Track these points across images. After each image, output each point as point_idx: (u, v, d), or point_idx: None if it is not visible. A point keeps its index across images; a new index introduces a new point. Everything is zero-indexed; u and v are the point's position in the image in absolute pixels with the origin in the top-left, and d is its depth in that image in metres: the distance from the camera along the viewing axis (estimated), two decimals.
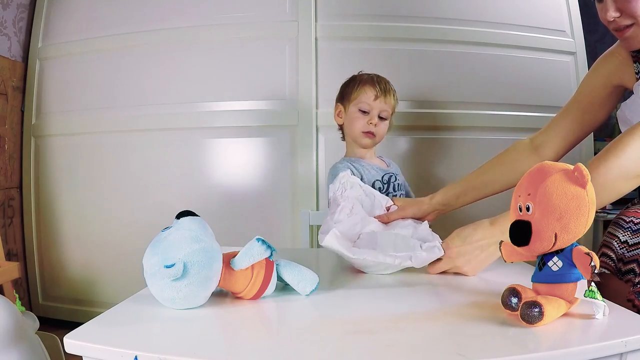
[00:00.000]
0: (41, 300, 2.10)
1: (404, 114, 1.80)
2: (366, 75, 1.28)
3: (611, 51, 1.09)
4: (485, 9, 1.89)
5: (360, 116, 1.24)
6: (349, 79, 1.32)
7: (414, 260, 0.82)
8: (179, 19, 1.92)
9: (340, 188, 1.04)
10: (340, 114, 1.30)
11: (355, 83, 1.27)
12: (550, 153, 1.13)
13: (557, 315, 0.59)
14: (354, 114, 1.25)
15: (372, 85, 1.24)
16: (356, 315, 0.65)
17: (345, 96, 1.29)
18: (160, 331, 0.59)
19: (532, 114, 1.87)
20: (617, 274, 0.91)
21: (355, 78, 1.30)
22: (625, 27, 0.94)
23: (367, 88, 1.24)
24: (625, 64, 1.04)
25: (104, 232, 1.98)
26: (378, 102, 1.23)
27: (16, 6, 2.06)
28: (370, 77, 1.27)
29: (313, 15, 1.83)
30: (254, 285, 0.69)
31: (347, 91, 1.28)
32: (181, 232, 0.65)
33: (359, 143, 1.27)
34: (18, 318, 1.08)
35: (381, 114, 1.25)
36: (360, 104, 1.24)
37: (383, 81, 1.26)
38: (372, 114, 1.24)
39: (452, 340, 0.55)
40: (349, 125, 1.27)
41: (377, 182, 1.23)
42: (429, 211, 1.09)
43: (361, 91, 1.24)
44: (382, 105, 1.24)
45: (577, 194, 0.58)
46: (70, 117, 2.03)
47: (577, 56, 1.94)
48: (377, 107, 1.24)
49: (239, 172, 1.89)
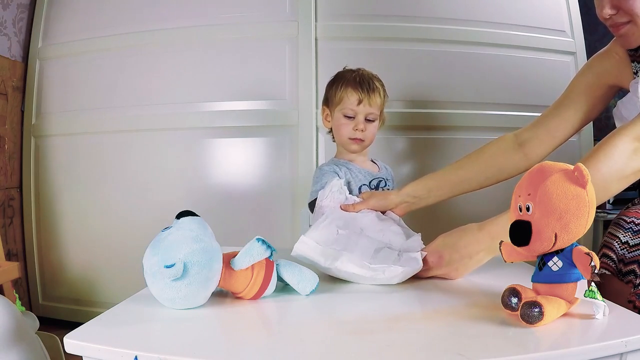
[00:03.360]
0: (41, 300, 2.10)
1: (402, 114, 1.80)
2: (349, 74, 1.19)
3: (607, 50, 1.07)
4: (485, 9, 1.89)
5: (345, 122, 1.16)
6: (332, 79, 1.23)
7: (387, 273, 0.78)
8: (179, 19, 1.92)
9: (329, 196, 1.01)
10: (328, 117, 1.22)
11: (338, 85, 1.18)
12: (537, 150, 1.10)
13: (557, 315, 0.59)
14: (339, 120, 1.17)
15: (354, 88, 1.15)
16: (356, 315, 0.65)
17: (329, 99, 1.21)
18: (160, 331, 0.59)
19: (532, 114, 1.86)
20: (618, 275, 0.90)
21: (338, 78, 1.20)
22: (621, 24, 0.93)
23: (349, 92, 1.15)
24: (622, 63, 1.03)
25: (104, 232, 1.98)
26: (362, 107, 1.15)
27: (16, 6, 2.06)
28: (353, 78, 1.17)
29: (313, 15, 1.83)
30: (254, 285, 0.69)
31: (331, 94, 1.20)
32: (181, 232, 0.65)
33: (347, 149, 1.20)
34: (18, 318, 1.08)
35: (368, 116, 1.16)
36: (344, 109, 1.16)
37: (366, 80, 1.16)
38: (358, 119, 1.15)
39: (452, 340, 0.55)
40: (336, 131, 1.20)
41: (363, 186, 1.17)
42: (395, 202, 1.05)
43: (344, 95, 1.15)
44: (367, 109, 1.15)
45: (577, 194, 0.58)
46: (70, 117, 2.03)
47: (577, 56, 1.94)
48: (363, 112, 1.15)
49: (239, 172, 1.89)
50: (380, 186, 1.20)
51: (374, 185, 1.19)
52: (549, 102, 1.15)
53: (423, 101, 1.83)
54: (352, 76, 1.18)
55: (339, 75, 1.22)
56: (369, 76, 1.19)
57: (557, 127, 1.10)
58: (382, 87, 1.19)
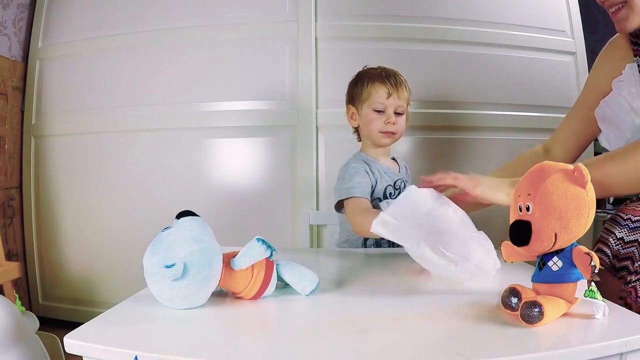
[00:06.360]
0: (41, 300, 2.10)
1: None
2: (372, 71, 1.21)
3: (612, 45, 1.08)
4: (484, 9, 1.89)
5: (376, 117, 1.17)
6: (355, 78, 1.24)
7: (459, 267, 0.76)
8: (179, 19, 1.92)
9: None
10: (354, 116, 1.22)
11: (364, 82, 1.19)
12: (565, 155, 1.12)
13: (557, 315, 0.59)
14: (369, 115, 1.17)
15: (382, 82, 1.16)
16: (356, 315, 0.65)
17: (355, 97, 1.21)
18: (160, 331, 0.59)
19: (532, 114, 1.87)
20: (612, 271, 0.91)
21: (362, 76, 1.22)
22: (617, 9, 0.93)
23: (377, 86, 1.16)
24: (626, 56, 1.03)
25: (104, 232, 1.98)
26: (392, 100, 1.16)
27: (16, 6, 2.06)
28: (379, 73, 1.19)
29: (313, 15, 1.83)
30: (254, 285, 0.69)
31: (357, 91, 1.21)
32: (181, 232, 0.65)
33: (378, 143, 1.20)
34: (18, 318, 1.08)
35: (397, 109, 1.17)
36: (373, 104, 1.16)
37: (392, 75, 1.18)
38: (388, 112, 1.16)
39: (452, 340, 0.55)
40: (366, 127, 1.20)
41: (389, 187, 1.18)
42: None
43: (372, 90, 1.17)
44: (397, 102, 1.17)
45: (577, 194, 0.58)
46: (70, 117, 2.03)
47: (577, 56, 1.94)
48: (392, 105, 1.16)
49: (239, 172, 1.89)
50: (402, 188, 1.20)
51: (398, 186, 1.20)
52: (549, 101, 1.16)
53: (423, 101, 1.83)
54: (376, 72, 1.19)
55: (362, 74, 1.23)
56: (393, 71, 1.20)
57: (579, 129, 1.12)
58: (406, 83, 1.21)
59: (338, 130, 1.31)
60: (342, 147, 1.36)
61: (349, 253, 1.14)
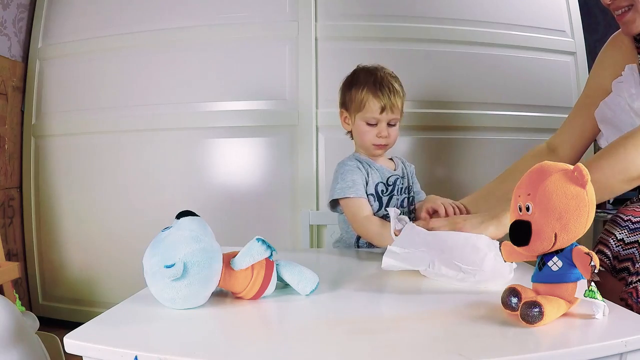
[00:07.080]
0: (41, 300, 2.10)
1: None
2: (367, 76, 1.17)
3: (614, 41, 1.08)
4: (484, 9, 1.89)
5: (368, 129, 1.15)
6: (348, 79, 1.21)
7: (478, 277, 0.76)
8: (178, 19, 1.92)
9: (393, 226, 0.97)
10: (347, 120, 1.20)
11: (357, 90, 1.15)
12: (569, 153, 1.12)
13: (557, 315, 0.59)
14: (361, 126, 1.16)
15: (375, 96, 1.12)
16: (356, 315, 0.65)
17: (348, 103, 1.18)
18: (160, 331, 0.59)
19: (532, 114, 1.87)
20: (612, 272, 0.91)
21: (356, 81, 1.17)
22: (624, 11, 0.93)
23: (371, 100, 1.13)
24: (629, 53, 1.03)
25: (104, 232, 1.98)
26: (385, 115, 1.13)
27: (16, 6, 2.06)
28: (373, 83, 1.14)
29: (313, 15, 1.83)
30: (254, 285, 0.69)
31: (349, 99, 1.18)
32: (181, 232, 0.65)
33: (370, 154, 1.19)
34: (18, 318, 1.08)
35: (390, 122, 1.15)
36: (366, 117, 1.14)
37: (386, 84, 1.14)
38: (381, 126, 1.14)
39: (452, 340, 0.55)
40: (358, 136, 1.19)
41: (380, 184, 1.16)
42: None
43: (365, 102, 1.13)
44: (390, 116, 1.14)
45: (576, 194, 0.58)
46: (70, 117, 2.03)
47: (577, 56, 1.94)
48: (385, 119, 1.14)
49: (239, 172, 1.89)
50: (396, 184, 1.18)
51: (391, 182, 1.18)
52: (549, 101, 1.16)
53: (422, 101, 1.83)
54: (370, 80, 1.15)
55: (356, 78, 1.19)
56: (388, 79, 1.16)
57: (583, 127, 1.12)
58: (400, 87, 1.18)
59: (338, 130, 1.30)
60: (342, 147, 1.36)
61: (349, 253, 1.14)
